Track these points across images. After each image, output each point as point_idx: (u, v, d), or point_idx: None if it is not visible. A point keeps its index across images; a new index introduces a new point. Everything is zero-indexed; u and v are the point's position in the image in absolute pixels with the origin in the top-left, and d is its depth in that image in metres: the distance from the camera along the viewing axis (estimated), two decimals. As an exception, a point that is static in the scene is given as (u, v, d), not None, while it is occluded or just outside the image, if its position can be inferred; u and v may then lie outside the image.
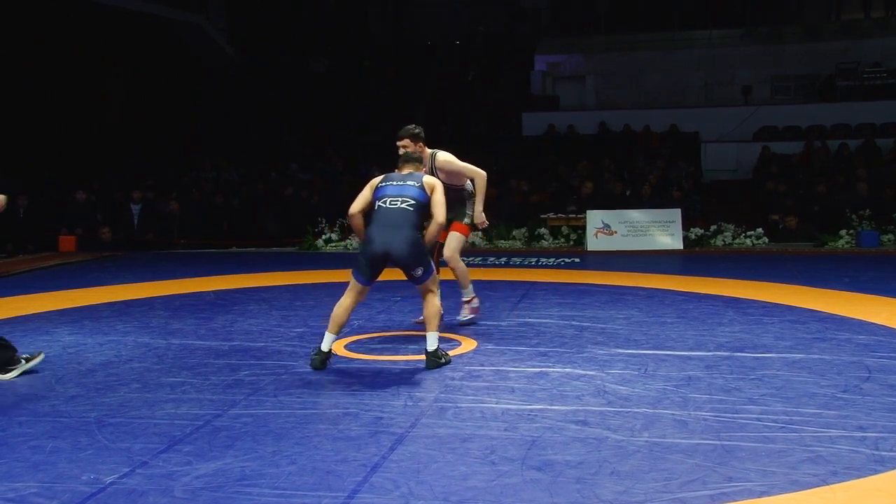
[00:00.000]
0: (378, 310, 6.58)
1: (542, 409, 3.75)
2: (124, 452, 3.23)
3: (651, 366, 4.57)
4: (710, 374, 4.35)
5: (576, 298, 7.10)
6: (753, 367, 4.52)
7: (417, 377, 4.38)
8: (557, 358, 4.80)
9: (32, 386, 4.30)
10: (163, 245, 12.73)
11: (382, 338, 5.50)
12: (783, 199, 12.95)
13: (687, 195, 13.28)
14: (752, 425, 3.48)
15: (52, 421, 3.67)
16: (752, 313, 6.22)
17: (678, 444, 3.26)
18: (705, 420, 3.56)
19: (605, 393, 4.03)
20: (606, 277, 8.50)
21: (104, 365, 4.76)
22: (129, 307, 6.88)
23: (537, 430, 3.45)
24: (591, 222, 11.90)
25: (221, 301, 7.17)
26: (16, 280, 8.98)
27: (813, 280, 8.01)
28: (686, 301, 6.88)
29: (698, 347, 5.03)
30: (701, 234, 11.99)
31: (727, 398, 3.89)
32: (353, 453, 3.20)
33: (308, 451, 3.24)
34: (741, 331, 5.54)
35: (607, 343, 5.20)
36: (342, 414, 3.72)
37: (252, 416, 3.70)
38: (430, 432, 3.45)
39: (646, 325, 5.81)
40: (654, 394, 3.99)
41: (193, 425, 3.56)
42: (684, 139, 16.69)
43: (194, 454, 3.20)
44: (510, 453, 3.19)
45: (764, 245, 11.80)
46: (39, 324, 6.11)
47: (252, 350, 5.12)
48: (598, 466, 3.04)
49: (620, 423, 3.54)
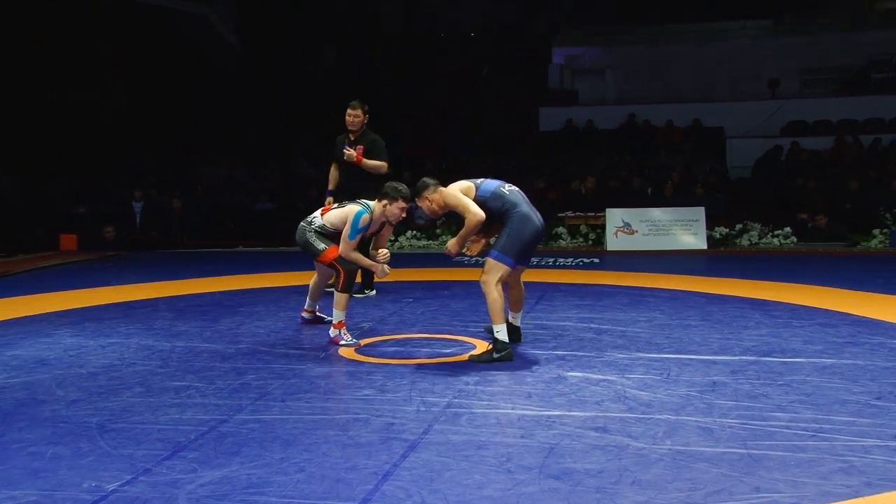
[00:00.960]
0: (390, 311, 6.58)
1: (561, 416, 3.74)
2: (127, 459, 3.24)
3: (674, 370, 4.54)
4: (736, 380, 4.32)
5: (595, 300, 7.07)
6: (782, 372, 4.48)
7: (430, 381, 4.37)
8: (576, 362, 4.78)
9: (32, 390, 4.32)
10: (167, 244, 12.80)
11: (395, 340, 5.50)
12: (813, 196, 12.87)
13: (711, 192, 13.22)
14: (781, 433, 3.45)
15: (52, 426, 3.68)
16: (780, 316, 6.18)
17: (703, 453, 3.23)
18: (731, 427, 3.54)
19: (625, 398, 4.01)
20: (627, 278, 8.47)
21: (106, 368, 4.78)
22: (132, 308, 6.92)
23: (555, 437, 3.44)
24: (610, 221, 11.88)
25: (228, 302, 7.19)
26: (16, 280, 9.05)
27: (844, 281, 7.95)
28: (710, 303, 6.84)
29: (723, 352, 5.00)
30: (726, 234, 11.94)
31: (754, 405, 3.86)
32: (364, 461, 3.19)
33: (317, 458, 3.24)
34: (769, 334, 5.50)
35: (628, 347, 5.17)
36: (352, 420, 3.72)
37: (259, 421, 3.71)
38: (443, 439, 3.44)
39: (668, 328, 5.79)
40: (677, 400, 3.97)
41: (198, 431, 3.57)
42: (708, 134, 16.63)
43: (199, 461, 3.21)
44: (527, 461, 3.17)
45: (792, 245, 11.73)
46: (40, 325, 6.15)
47: (259, 353, 5.13)
48: (618, 475, 3.02)
49: (642, 430, 3.52)
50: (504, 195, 4.91)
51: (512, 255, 4.82)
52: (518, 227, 4.84)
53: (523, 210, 4.89)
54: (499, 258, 4.80)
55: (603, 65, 19.80)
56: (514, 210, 4.87)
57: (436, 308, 6.76)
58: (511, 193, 4.93)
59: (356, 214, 5.31)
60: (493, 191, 4.93)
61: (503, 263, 4.80)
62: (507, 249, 4.81)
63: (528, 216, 4.88)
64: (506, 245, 4.82)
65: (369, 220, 5.33)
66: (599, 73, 19.80)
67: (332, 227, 5.47)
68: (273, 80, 18.74)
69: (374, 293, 7.40)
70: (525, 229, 4.85)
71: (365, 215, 5.30)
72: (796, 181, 13.55)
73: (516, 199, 4.92)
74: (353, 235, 5.33)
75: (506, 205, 4.88)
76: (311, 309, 6.07)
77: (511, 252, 4.81)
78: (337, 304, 5.38)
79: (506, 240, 4.83)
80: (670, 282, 7.87)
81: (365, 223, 5.31)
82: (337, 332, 5.37)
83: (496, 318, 4.79)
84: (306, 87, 18.71)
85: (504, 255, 4.80)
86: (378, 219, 5.40)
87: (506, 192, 4.93)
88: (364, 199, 5.50)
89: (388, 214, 5.34)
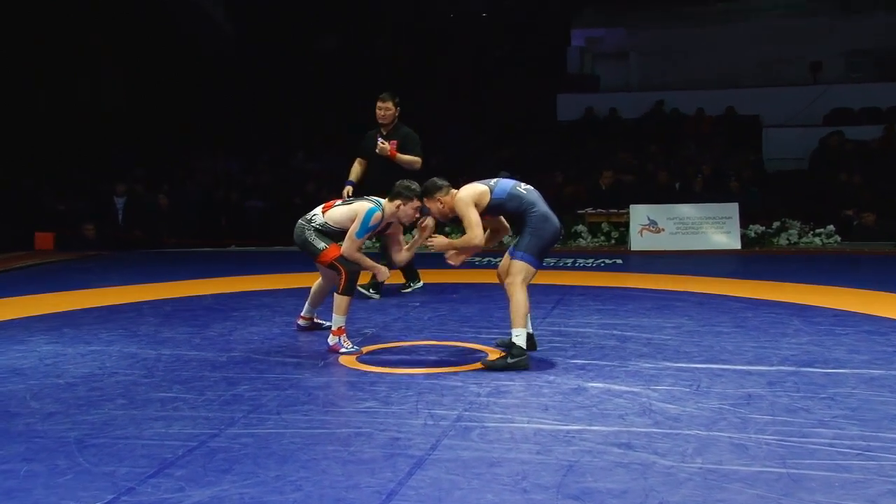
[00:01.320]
0: (394, 317, 6.59)
1: (580, 430, 3.74)
2: (108, 477, 3.26)
3: (704, 382, 4.54)
4: (774, 392, 4.31)
5: (618, 304, 7.06)
6: (824, 384, 4.47)
7: (438, 392, 4.37)
8: (597, 372, 4.78)
9: (4, 402, 4.34)
10: (152, 243, 12.84)
11: (399, 348, 5.50)
12: (859, 191, 12.81)
13: (745, 187, 13.18)
14: (823, 451, 3.44)
15: (26, 441, 3.70)
16: (822, 323, 6.16)
17: (737, 472, 3.22)
18: (768, 445, 3.53)
19: (651, 412, 4.00)
20: (653, 281, 8.45)
21: (86, 378, 4.80)
22: (114, 313, 6.95)
23: (574, 454, 3.43)
24: (634, 218, 11.85)
25: (219, 306, 7.22)
26: (-11, 282, 9.09)
27: (894, 285, 7.91)
28: (745, 308, 6.82)
29: (759, 361, 4.99)
30: (762, 232, 11.89)
31: (793, 420, 3.85)
32: (367, 478, 3.20)
33: (315, 475, 3.24)
34: (809, 342, 5.49)
35: (654, 355, 5.17)
36: (354, 434, 3.73)
37: (252, 436, 3.72)
38: (452, 455, 3.44)
39: (698, 335, 5.78)
40: (708, 414, 3.96)
41: (186, 446, 3.58)
42: (742, 123, 16.55)
43: (187, 479, 3.22)
44: (544, 480, 3.17)
45: (836, 245, 11.68)
46: (13, 331, 6.18)
47: (253, 362, 5.14)
48: (644, 496, 3.02)
49: (670, 446, 3.52)
50: (521, 195, 5.03)
51: (536, 255, 4.95)
52: (538, 225, 4.97)
53: (542, 209, 5.02)
54: (525, 258, 4.92)
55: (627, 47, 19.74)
56: (533, 210, 5.00)
57: (444, 313, 6.76)
58: (528, 193, 5.06)
59: (368, 212, 5.31)
60: (509, 191, 5.05)
61: (530, 264, 4.93)
62: (531, 249, 4.94)
63: (548, 215, 5.02)
64: (530, 245, 4.94)
65: (381, 218, 5.34)
66: (623, 57, 19.74)
67: (335, 225, 5.48)
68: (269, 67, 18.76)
69: (378, 297, 7.40)
70: (545, 228, 4.98)
71: (377, 213, 5.31)
72: (840, 174, 13.49)
73: (533, 198, 5.05)
74: (362, 234, 5.34)
75: (523, 205, 5.00)
76: (308, 315, 6.08)
77: (535, 252, 4.95)
78: (337, 308, 5.38)
79: (529, 239, 4.95)
80: (700, 285, 7.85)
81: (377, 221, 5.33)
82: (336, 339, 5.38)
83: (517, 321, 4.87)
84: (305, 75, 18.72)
85: (529, 255, 4.93)
86: (388, 219, 5.41)
87: (522, 191, 5.05)
88: (374, 197, 5.52)
89: (400, 216, 5.37)
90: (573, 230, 12.25)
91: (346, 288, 5.36)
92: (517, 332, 4.87)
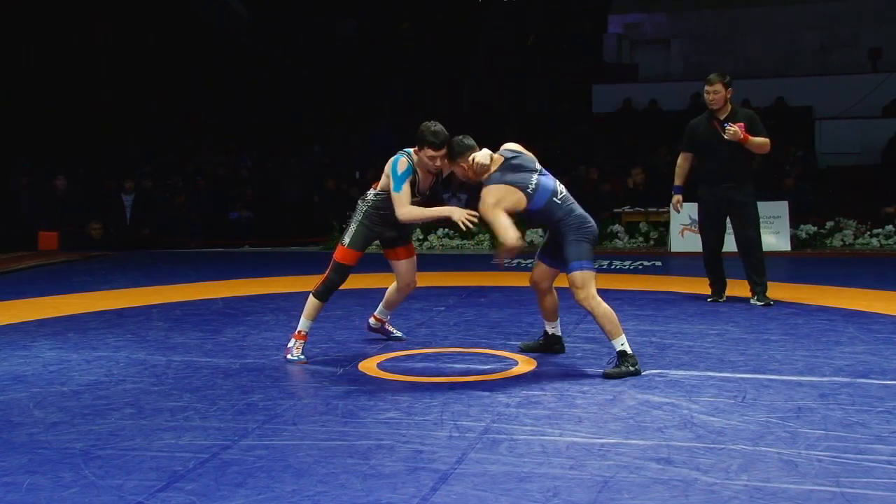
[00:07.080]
0: (418, 321, 6.60)
1: (616, 444, 3.73)
2: (115, 490, 3.29)
3: (751, 393, 4.51)
4: (826, 405, 4.28)
5: (656, 310, 7.04)
6: (882, 396, 4.43)
7: (465, 403, 4.38)
8: (634, 381, 4.76)
9: (6, 411, 4.39)
10: (161, 243, 12.95)
11: (423, 355, 5.51)
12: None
13: (797, 184, 13.07)
14: (881, 469, 3.41)
15: (29, 452, 3.74)
16: (879, 330, 6.10)
17: (786, 491, 3.20)
18: (820, 461, 3.50)
19: (693, 425, 3.98)
20: (694, 285, 8.40)
21: (92, 386, 4.85)
22: (121, 317, 7.02)
23: (610, 469, 3.43)
24: (675, 218, 11.78)
25: (231, 310, 7.27)
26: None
27: (956, 289, 7.82)
28: (795, 314, 6.78)
29: (810, 372, 4.95)
30: (814, 233, 11.81)
31: (848, 435, 3.82)
32: (388, 494, 3.21)
33: (334, 490, 3.26)
34: (865, 352, 5.44)
35: (696, 364, 5.15)
36: (374, 446, 3.74)
37: (267, 447, 3.74)
38: (479, 469, 3.44)
39: (743, 343, 5.74)
40: (754, 427, 3.94)
41: (198, 459, 3.61)
42: (794, 115, 16.42)
43: (198, 493, 3.25)
44: (577, 497, 3.17)
45: (895, 246, 11.56)
46: (15, 336, 6.26)
47: (267, 369, 5.17)
48: (685, 515, 3.01)
49: (712, 462, 3.50)
50: (557, 206, 5.07)
51: (589, 259, 5.04)
52: (580, 229, 5.05)
53: (579, 211, 5.12)
54: (582, 267, 4.99)
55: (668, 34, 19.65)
56: (572, 215, 5.08)
57: (471, 318, 6.77)
58: (563, 202, 5.11)
59: (393, 161, 5.22)
60: (546, 203, 5.06)
61: (589, 270, 5.01)
62: (582, 255, 5.01)
63: (585, 217, 5.12)
64: (581, 252, 5.01)
65: (408, 163, 5.20)
66: (664, 45, 19.65)
67: (383, 190, 5.33)
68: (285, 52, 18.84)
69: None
70: (587, 230, 5.07)
71: (402, 159, 5.21)
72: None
73: (570, 205, 5.12)
74: (399, 186, 5.16)
75: (560, 212, 5.07)
76: (380, 317, 6.00)
77: (587, 256, 5.03)
78: (306, 311, 5.43)
79: (575, 246, 5.01)
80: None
81: (404, 167, 5.18)
82: (292, 343, 5.41)
83: (614, 332, 4.99)
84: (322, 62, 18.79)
85: (584, 262, 5.00)
86: (422, 167, 5.25)
87: (558, 201, 5.09)
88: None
89: (424, 163, 5.20)
90: (609, 230, 12.22)
91: (319, 290, 5.41)
92: (620, 342, 4.97)
